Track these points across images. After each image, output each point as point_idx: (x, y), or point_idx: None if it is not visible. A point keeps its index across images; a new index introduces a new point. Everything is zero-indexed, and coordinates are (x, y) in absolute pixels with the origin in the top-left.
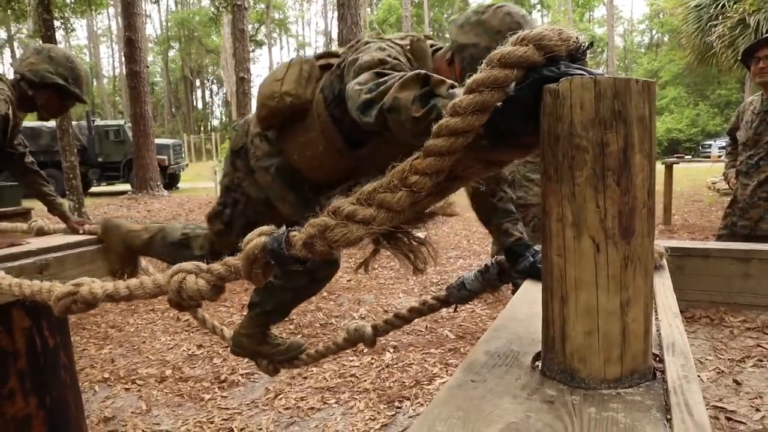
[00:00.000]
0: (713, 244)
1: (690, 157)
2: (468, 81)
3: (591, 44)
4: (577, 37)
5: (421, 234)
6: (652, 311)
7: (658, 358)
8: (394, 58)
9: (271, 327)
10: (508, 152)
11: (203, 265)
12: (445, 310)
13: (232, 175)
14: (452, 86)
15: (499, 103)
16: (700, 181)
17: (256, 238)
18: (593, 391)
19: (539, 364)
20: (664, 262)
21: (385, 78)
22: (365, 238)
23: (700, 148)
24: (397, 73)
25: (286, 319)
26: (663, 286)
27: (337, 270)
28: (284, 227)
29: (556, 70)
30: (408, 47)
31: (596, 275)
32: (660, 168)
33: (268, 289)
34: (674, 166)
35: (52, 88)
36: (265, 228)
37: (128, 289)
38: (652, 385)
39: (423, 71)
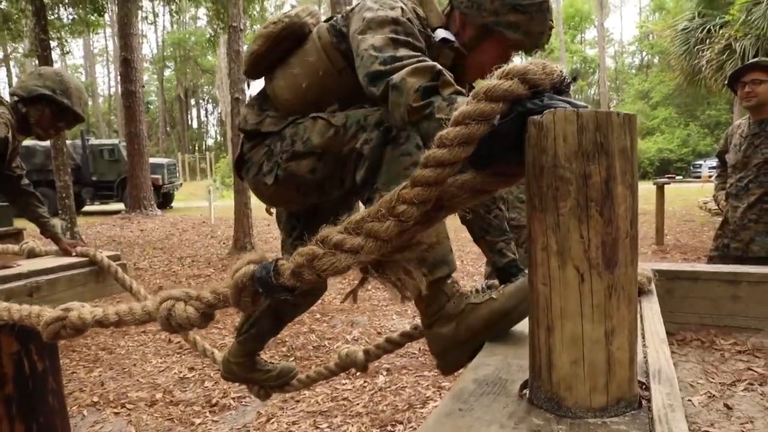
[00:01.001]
0: (702, 267)
1: (681, 177)
2: (455, 113)
3: (575, 78)
4: (560, 71)
5: (409, 263)
6: (636, 340)
7: (644, 386)
8: (408, 19)
9: (259, 353)
10: (494, 182)
11: (192, 292)
12: None
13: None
14: (457, 92)
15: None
16: (691, 201)
17: (245, 266)
18: (579, 420)
19: (527, 392)
20: (653, 286)
21: (402, 55)
22: (353, 267)
23: (692, 167)
24: (413, 53)
25: (278, 341)
26: (651, 311)
27: (323, 293)
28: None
29: (540, 102)
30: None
31: (581, 304)
32: (651, 188)
33: (249, 314)
34: (666, 186)
35: (42, 101)
36: (253, 256)
37: (117, 315)
38: (638, 414)
39: (439, 66)
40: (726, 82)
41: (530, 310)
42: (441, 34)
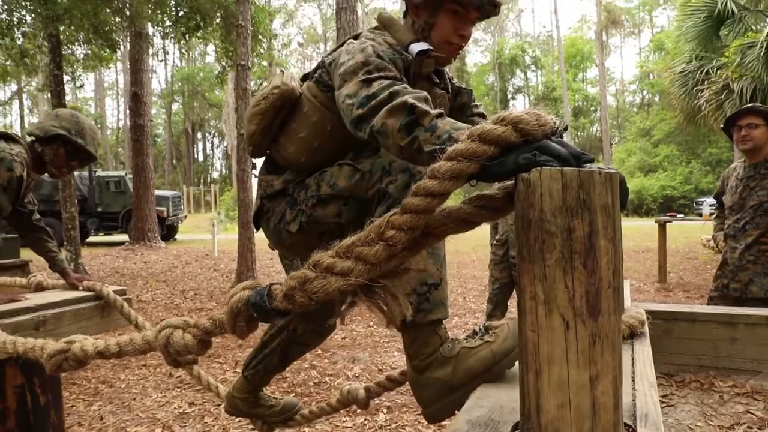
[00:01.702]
0: (699, 308)
1: (682, 215)
2: (449, 149)
3: (566, 128)
4: (554, 122)
5: (396, 289)
6: (620, 385)
7: (631, 429)
8: (376, 56)
9: (263, 389)
10: (480, 214)
11: (190, 320)
12: None
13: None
14: (437, 116)
15: None
16: (694, 239)
17: (240, 292)
18: None
19: None
20: (646, 329)
21: (374, 91)
22: (343, 290)
23: (694, 205)
24: (386, 82)
25: (279, 377)
26: (642, 354)
27: (332, 332)
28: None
29: (531, 157)
30: (378, 26)
31: (567, 351)
32: (654, 226)
33: (258, 350)
34: (669, 223)
35: (58, 141)
36: (248, 282)
37: (118, 345)
38: None
39: (410, 100)
40: (722, 125)
41: (520, 356)
42: (414, 48)
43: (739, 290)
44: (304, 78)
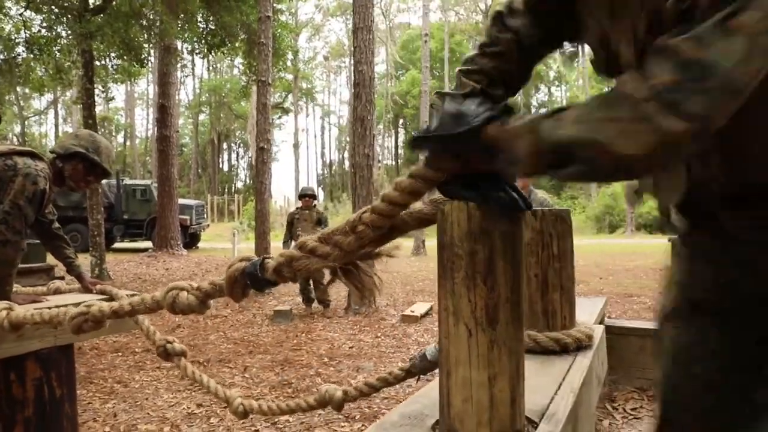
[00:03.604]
0: None
1: None
2: (412, 169)
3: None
4: None
5: (370, 269)
6: (519, 384)
7: (534, 425)
8: None
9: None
10: (435, 215)
11: (194, 283)
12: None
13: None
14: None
15: None
16: None
17: (237, 263)
18: None
19: (438, 426)
20: (593, 342)
21: None
22: (323, 269)
23: None
24: None
25: (284, 383)
26: (579, 365)
27: None
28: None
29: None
30: None
31: (469, 354)
32: (666, 245)
33: None
34: None
35: (76, 157)
36: (244, 255)
37: (131, 305)
38: None
39: None
40: None
41: (439, 360)
42: None
43: None
44: None
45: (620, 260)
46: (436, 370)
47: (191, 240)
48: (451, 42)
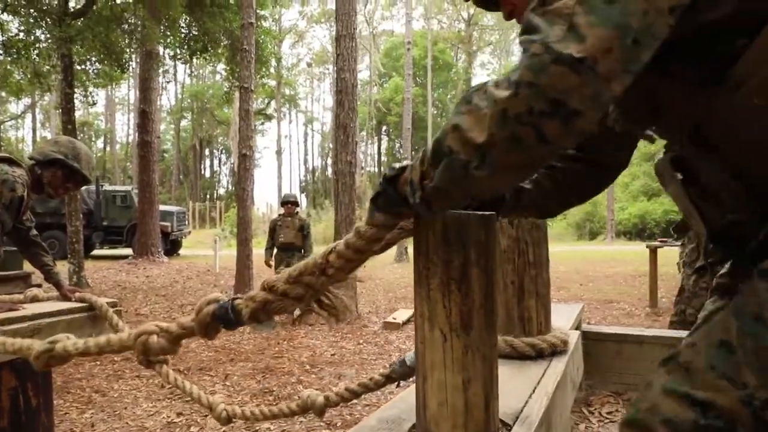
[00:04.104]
0: (648, 331)
1: (674, 241)
2: (368, 218)
3: None
4: None
5: (339, 291)
6: (493, 388)
7: (509, 427)
8: None
9: None
10: (399, 236)
11: (163, 325)
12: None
13: None
14: None
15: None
16: None
17: (206, 306)
18: None
19: (415, 429)
20: (569, 348)
21: None
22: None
23: None
24: None
25: (265, 390)
26: (554, 369)
27: None
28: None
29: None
30: None
31: (444, 359)
32: (645, 252)
33: None
34: (665, 248)
35: (56, 164)
36: (211, 297)
37: (97, 346)
38: None
39: None
40: None
41: (415, 364)
42: None
43: (694, 316)
44: None
45: (600, 267)
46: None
47: (172, 247)
48: (435, 50)
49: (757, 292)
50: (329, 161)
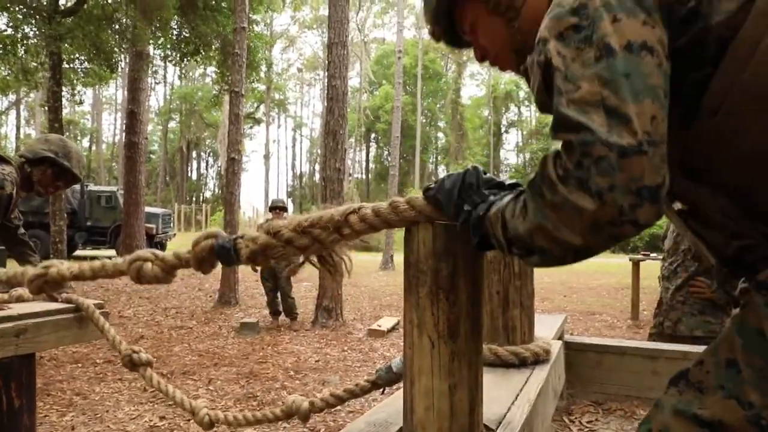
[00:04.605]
0: (629, 342)
1: (656, 255)
2: (413, 198)
3: None
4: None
5: (342, 251)
6: (477, 393)
7: (491, 431)
8: None
9: None
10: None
11: (159, 253)
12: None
13: None
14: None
15: None
16: None
17: (204, 240)
18: None
19: None
20: (551, 357)
21: None
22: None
23: None
24: None
25: (249, 395)
26: (536, 377)
27: None
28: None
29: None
30: None
31: (432, 365)
32: (629, 264)
33: None
34: (648, 261)
35: (45, 162)
36: (210, 231)
37: (92, 270)
38: None
39: None
40: None
41: (403, 369)
42: None
43: (671, 328)
44: None
45: (584, 279)
46: (401, 383)
47: (157, 249)
48: (425, 59)
49: (757, 307)
50: (317, 167)
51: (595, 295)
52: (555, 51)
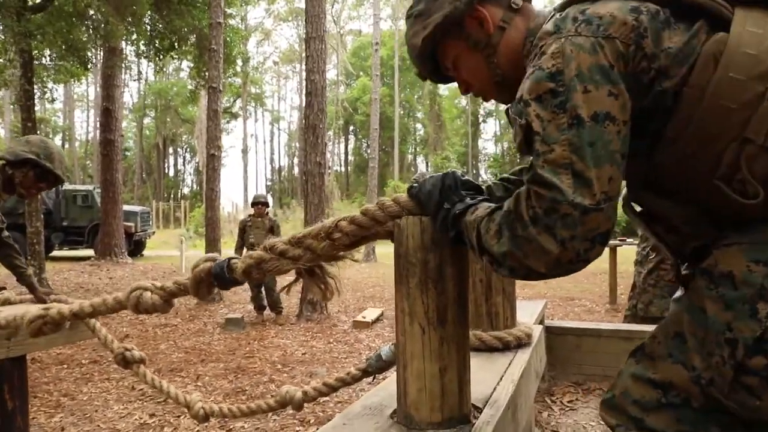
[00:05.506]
0: (605, 325)
1: (632, 240)
2: (399, 196)
3: None
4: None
5: (333, 270)
6: (465, 375)
7: (479, 410)
8: None
9: None
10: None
11: (157, 283)
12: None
13: None
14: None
15: None
16: None
17: (203, 263)
18: (423, 431)
19: (396, 414)
20: (532, 341)
21: None
22: (291, 269)
23: None
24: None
25: (238, 389)
26: (519, 360)
27: None
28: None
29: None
30: None
31: (423, 349)
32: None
33: None
34: (624, 246)
35: (27, 164)
36: (208, 255)
37: (92, 306)
38: (464, 427)
39: None
40: None
41: (396, 355)
42: None
43: (643, 310)
44: None
45: None
46: (391, 370)
47: (136, 247)
48: (402, 50)
49: (700, 288)
50: (296, 160)
51: (573, 281)
52: (534, 115)
